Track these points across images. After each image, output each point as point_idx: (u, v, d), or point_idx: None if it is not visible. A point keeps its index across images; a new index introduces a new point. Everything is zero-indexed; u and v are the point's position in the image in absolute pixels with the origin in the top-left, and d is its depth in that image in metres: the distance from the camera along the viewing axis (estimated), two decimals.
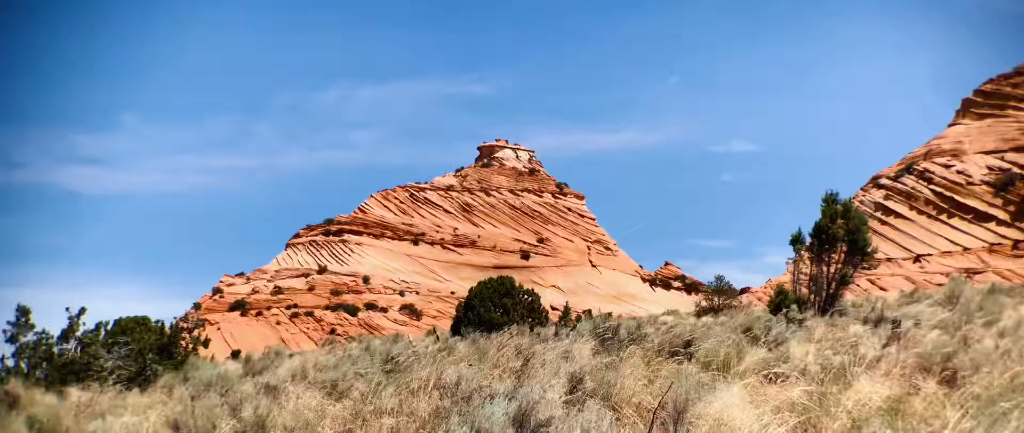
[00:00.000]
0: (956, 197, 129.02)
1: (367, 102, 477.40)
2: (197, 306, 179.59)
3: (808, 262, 30.13)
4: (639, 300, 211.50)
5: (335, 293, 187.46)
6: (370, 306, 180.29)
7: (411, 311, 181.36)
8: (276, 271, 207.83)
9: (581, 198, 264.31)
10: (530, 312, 36.44)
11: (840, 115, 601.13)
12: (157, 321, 22.11)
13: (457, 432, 8.53)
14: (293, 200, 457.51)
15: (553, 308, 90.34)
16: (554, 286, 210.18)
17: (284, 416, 11.82)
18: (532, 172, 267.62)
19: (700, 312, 45.05)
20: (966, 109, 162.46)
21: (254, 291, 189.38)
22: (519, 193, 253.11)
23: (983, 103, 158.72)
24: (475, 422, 8.66)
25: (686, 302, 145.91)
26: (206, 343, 23.54)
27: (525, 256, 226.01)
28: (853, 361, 12.60)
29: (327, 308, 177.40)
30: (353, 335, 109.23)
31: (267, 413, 11.69)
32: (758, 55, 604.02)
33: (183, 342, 22.25)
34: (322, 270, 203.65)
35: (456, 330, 34.69)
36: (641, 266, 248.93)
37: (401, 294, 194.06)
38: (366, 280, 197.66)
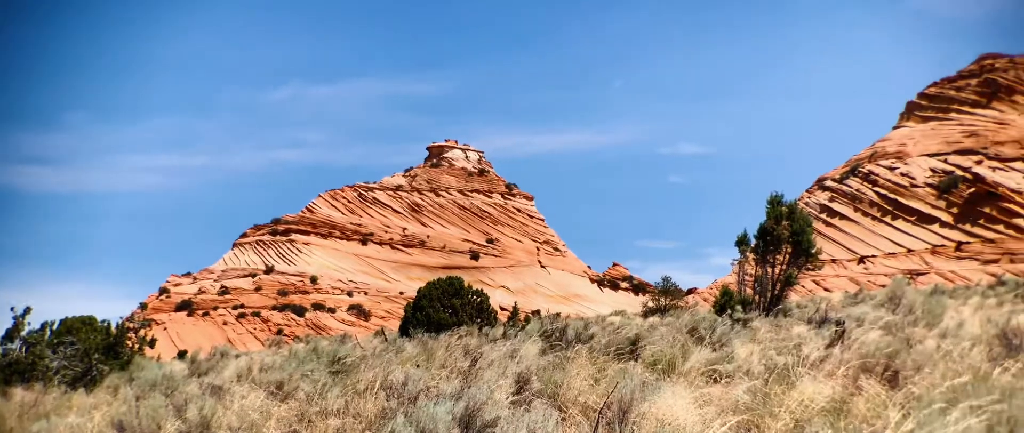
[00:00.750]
0: (900, 199, 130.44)
1: (317, 102, 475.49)
2: (143, 306, 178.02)
3: (753, 263, 30.42)
4: (587, 300, 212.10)
5: (282, 293, 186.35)
6: (317, 306, 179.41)
7: (359, 311, 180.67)
8: (223, 271, 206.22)
9: (530, 199, 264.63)
10: (479, 312, 36.46)
11: (786, 117, 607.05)
12: (103, 321, 21.92)
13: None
14: (241, 200, 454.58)
15: (502, 308, 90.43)
16: (503, 286, 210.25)
17: (229, 417, 11.78)
18: (481, 172, 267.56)
19: (647, 312, 45.37)
20: (910, 112, 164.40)
21: (201, 291, 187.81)
22: (468, 193, 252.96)
23: (927, 106, 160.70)
24: (420, 423, 8.69)
25: (634, 302, 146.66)
26: (152, 343, 23.38)
27: (474, 256, 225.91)
28: (797, 361, 12.74)
29: (274, 308, 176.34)
30: (300, 335, 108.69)
31: (212, 414, 11.65)
32: (706, 58, 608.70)
33: (129, 342, 22.08)
34: (269, 270, 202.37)
35: (404, 331, 34.63)
36: (589, 267, 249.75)
37: (349, 294, 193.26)
38: (313, 280, 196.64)
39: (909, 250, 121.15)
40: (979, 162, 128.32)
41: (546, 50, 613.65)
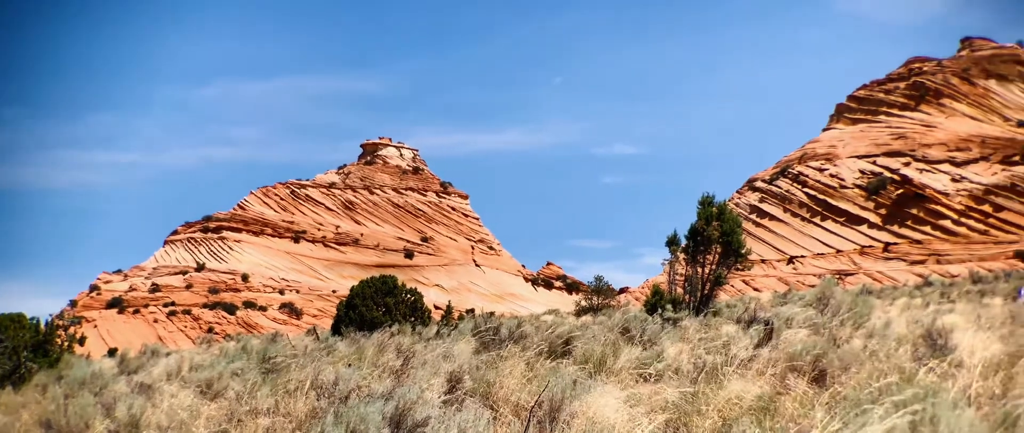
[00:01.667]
0: (829, 200, 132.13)
1: (250, 98, 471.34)
2: (73, 303, 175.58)
3: (684, 263, 30.65)
4: (522, 299, 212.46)
5: (213, 291, 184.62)
6: (249, 304, 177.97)
7: (291, 310, 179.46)
8: (154, 268, 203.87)
9: (465, 197, 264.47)
10: (413, 311, 36.36)
11: (719, 118, 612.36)
12: (32, 319, 21.60)
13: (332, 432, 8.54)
14: (174, 197, 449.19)
15: (436, 307, 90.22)
16: (437, 285, 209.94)
17: (158, 416, 11.68)
18: (416, 171, 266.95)
19: (580, 311, 45.58)
20: (840, 114, 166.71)
21: (131, 288, 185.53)
22: (403, 191, 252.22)
23: (857, 108, 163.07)
24: (351, 423, 8.67)
25: (567, 301, 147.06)
26: (82, 341, 23.09)
27: (408, 255, 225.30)
28: (726, 361, 12.85)
29: (205, 306, 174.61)
30: (231, 334, 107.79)
31: (141, 412, 11.54)
32: (640, 58, 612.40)
33: (58, 340, 21.78)
34: (200, 267, 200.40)
35: (337, 329, 34.46)
36: (524, 266, 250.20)
37: (281, 292, 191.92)
38: (245, 278, 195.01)
39: (838, 251, 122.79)
40: (907, 164, 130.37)
41: (482, 49, 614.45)
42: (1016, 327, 16.66)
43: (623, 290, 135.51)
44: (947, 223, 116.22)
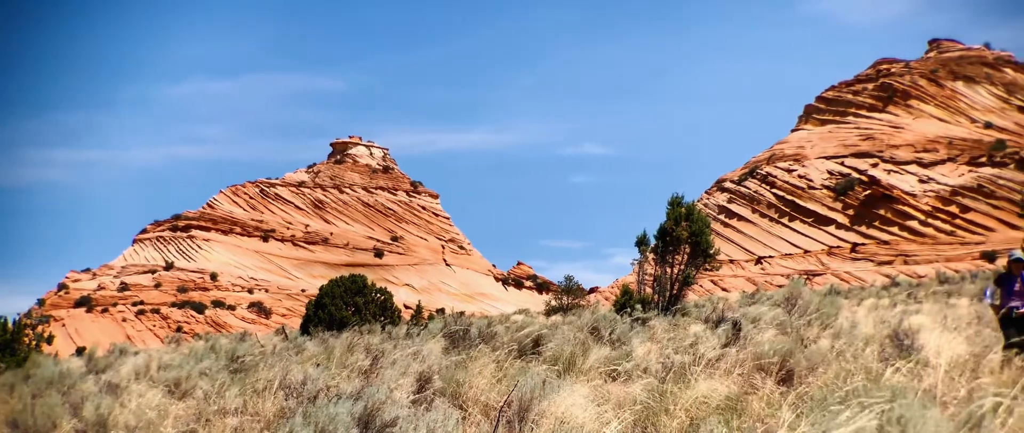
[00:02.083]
0: (797, 201, 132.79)
1: (219, 97, 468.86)
2: (41, 302, 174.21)
3: (653, 263, 30.75)
4: (492, 299, 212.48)
5: (182, 290, 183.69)
6: (218, 303, 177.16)
7: (260, 309, 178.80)
8: (123, 267, 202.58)
9: (435, 197, 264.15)
10: (382, 311, 36.35)
11: (688, 119, 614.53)
12: (0, 318, 21.46)
13: None
14: (143, 195, 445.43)
15: (406, 307, 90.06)
16: (407, 284, 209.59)
17: (126, 415, 11.61)
18: (386, 170, 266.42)
19: (550, 311, 45.62)
20: (808, 115, 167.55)
21: (100, 287, 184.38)
22: (373, 191, 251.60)
23: (825, 109, 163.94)
24: (319, 423, 8.64)
25: (537, 301, 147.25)
26: (50, 340, 22.98)
27: (378, 254, 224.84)
28: (693, 360, 12.88)
29: (174, 305, 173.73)
30: (200, 333, 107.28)
31: (109, 412, 11.47)
32: (609, 58, 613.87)
33: (26, 339, 21.66)
34: (169, 266, 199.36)
35: (306, 329, 34.40)
36: (494, 265, 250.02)
37: (250, 291, 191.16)
38: (214, 277, 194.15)
39: (806, 251, 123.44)
40: (875, 165, 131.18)
41: (452, 48, 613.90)
42: (982, 328, 16.80)
43: (593, 290, 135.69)
44: (914, 224, 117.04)
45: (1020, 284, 14.24)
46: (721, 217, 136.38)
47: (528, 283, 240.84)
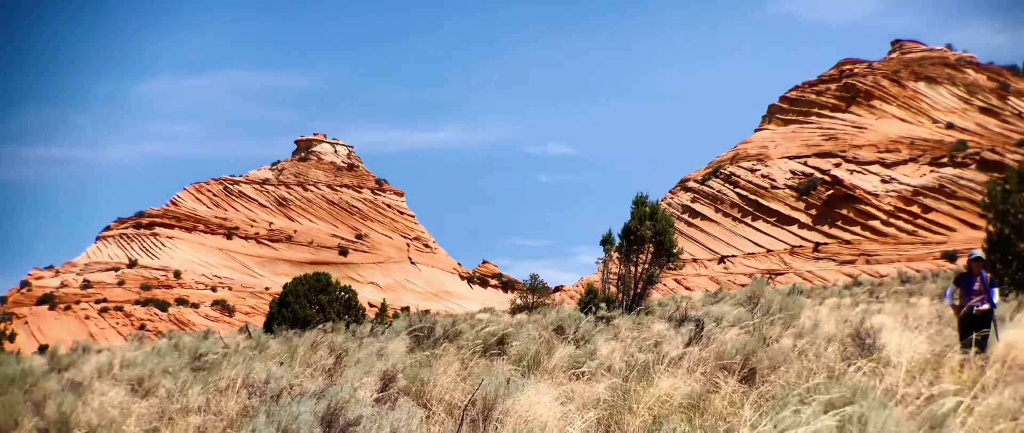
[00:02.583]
0: (760, 200, 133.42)
1: (187, 93, 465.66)
2: (3, 300, 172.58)
3: (617, 262, 30.84)
4: (457, 297, 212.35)
5: (145, 287, 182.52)
6: (181, 301, 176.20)
7: (223, 307, 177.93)
8: (86, 264, 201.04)
9: (400, 195, 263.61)
10: (346, 309, 36.25)
11: (653, 118, 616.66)
12: None
13: (263, 432, 8.47)
14: (109, 192, 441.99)
15: (371, 305, 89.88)
16: (372, 283, 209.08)
17: (88, 414, 11.54)
18: (351, 167, 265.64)
19: (515, 310, 45.61)
20: (772, 115, 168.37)
21: (63, 285, 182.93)
22: (337, 188, 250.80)
23: (788, 109, 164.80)
24: (282, 422, 8.61)
25: (503, 300, 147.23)
26: (12, 338, 22.82)
27: (343, 252, 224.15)
28: (657, 359, 12.92)
29: (137, 303, 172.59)
30: (163, 331, 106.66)
31: (71, 411, 11.39)
32: (574, 58, 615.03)
33: None
34: (132, 264, 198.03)
35: (269, 327, 34.26)
36: (460, 264, 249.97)
37: (213, 289, 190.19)
38: (177, 275, 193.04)
39: (768, 250, 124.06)
40: (838, 165, 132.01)
41: (418, 46, 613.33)
42: (943, 327, 16.94)
43: (558, 288, 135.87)
44: (876, 224, 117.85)
45: (979, 283, 14.37)
46: (685, 216, 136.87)
47: (493, 282, 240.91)
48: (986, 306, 14.21)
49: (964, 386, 9.61)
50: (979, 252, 14.92)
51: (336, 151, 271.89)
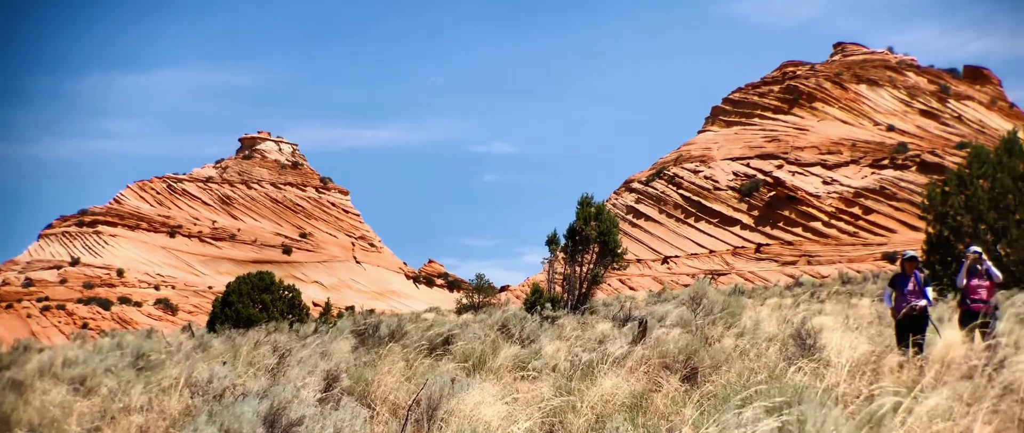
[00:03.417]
0: (703, 202, 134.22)
1: (127, 90, 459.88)
2: None
3: (563, 262, 30.97)
4: (402, 297, 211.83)
5: (88, 286, 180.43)
6: (124, 300, 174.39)
7: (166, 306, 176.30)
8: (28, 262, 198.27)
9: (345, 193, 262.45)
10: (290, 308, 36.12)
11: (599, 119, 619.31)
12: None
13: (205, 432, 8.42)
14: (49, 189, 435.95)
15: (315, 304, 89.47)
16: (316, 282, 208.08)
17: (29, 412, 11.42)
18: (295, 166, 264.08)
19: (461, 309, 45.63)
20: (715, 116, 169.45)
21: (4, 283, 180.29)
22: (281, 187, 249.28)
23: (732, 111, 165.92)
24: (224, 422, 8.57)
25: (448, 299, 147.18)
26: None
27: (286, 251, 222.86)
28: (601, 358, 12.99)
29: (79, 301, 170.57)
30: (106, 330, 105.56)
31: (12, 409, 11.27)
32: (520, 57, 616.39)
33: None
34: (75, 262, 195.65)
35: (212, 326, 34.05)
36: (405, 263, 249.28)
37: (156, 288, 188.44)
38: (120, 273, 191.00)
39: (711, 251, 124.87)
40: (780, 166, 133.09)
41: (362, 44, 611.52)
42: (883, 327, 17.17)
43: (504, 288, 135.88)
44: (818, 225, 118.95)
45: (914, 283, 14.54)
46: (629, 217, 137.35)
47: (439, 281, 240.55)
48: (923, 302, 14.39)
49: (904, 386, 9.73)
50: (912, 252, 15.12)
51: (280, 149, 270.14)
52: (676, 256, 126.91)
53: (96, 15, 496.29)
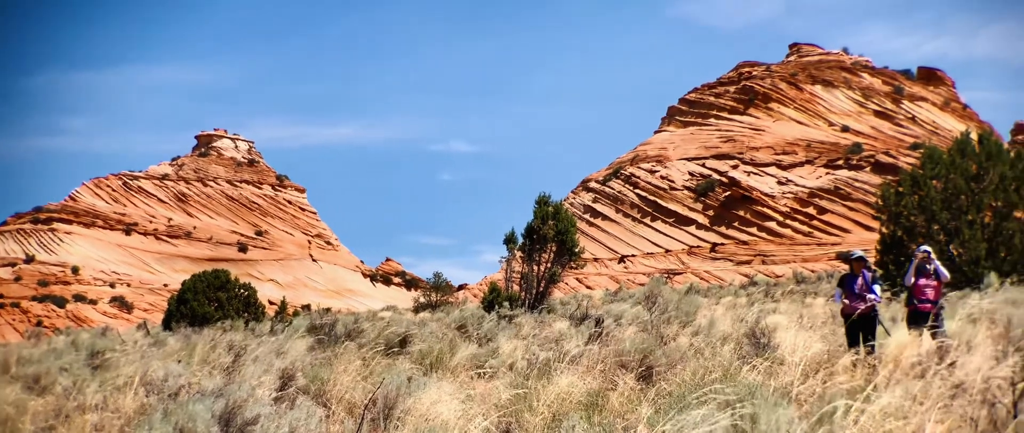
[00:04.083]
0: (659, 201, 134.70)
1: (83, 88, 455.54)
2: None
3: (520, 261, 31.04)
4: (359, 295, 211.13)
5: (42, 283, 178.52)
6: (79, 298, 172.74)
7: (122, 304, 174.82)
8: None
9: (302, 191, 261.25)
10: (246, 307, 35.99)
11: (556, 118, 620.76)
12: None
13: (160, 431, 8.39)
14: (6, 187, 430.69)
15: (271, 303, 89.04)
16: (272, 280, 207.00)
17: None
18: (251, 163, 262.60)
19: (418, 308, 45.63)
20: (672, 117, 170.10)
21: None
22: (237, 184, 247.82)
23: (688, 111, 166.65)
24: (179, 421, 8.54)
25: (406, 298, 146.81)
26: None
27: (242, 249, 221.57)
28: (558, 357, 13.04)
29: (34, 299, 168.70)
30: (60, 328, 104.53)
31: None
32: (477, 58, 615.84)
33: None
34: (29, 260, 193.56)
35: (168, 324, 33.85)
36: (362, 261, 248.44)
37: (112, 286, 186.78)
38: (75, 271, 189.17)
39: (667, 250, 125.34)
40: (735, 167, 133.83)
41: (320, 41, 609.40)
42: (837, 326, 17.32)
43: (462, 287, 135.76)
44: (772, 225, 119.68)
45: (862, 282, 14.64)
46: (586, 216, 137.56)
47: (396, 280, 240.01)
48: (872, 294, 14.48)
49: (857, 385, 9.82)
50: (860, 252, 15.23)
51: (236, 146, 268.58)
52: (633, 255, 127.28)
53: (50, 13, 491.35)
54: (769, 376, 10.72)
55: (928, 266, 14.72)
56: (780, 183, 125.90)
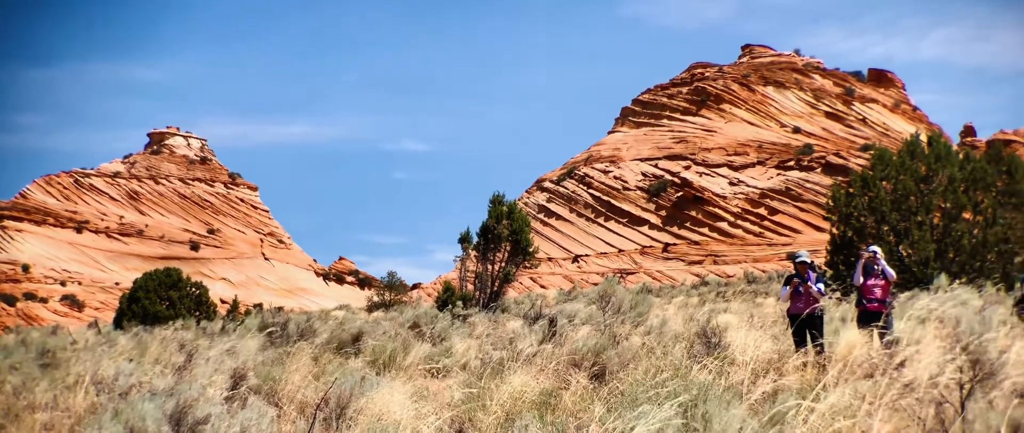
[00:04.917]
0: (613, 201, 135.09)
1: (33, 84, 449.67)
2: None
3: (475, 260, 31.07)
4: (312, 294, 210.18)
5: None
6: (29, 296, 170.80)
7: (73, 302, 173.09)
8: None
9: (254, 189, 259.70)
10: (198, 305, 35.79)
11: (510, 118, 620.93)
12: None
13: (110, 430, 8.34)
14: None
15: (222, 301, 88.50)
16: (224, 279, 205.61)
17: None
18: (204, 161, 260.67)
19: (372, 307, 45.50)
20: (625, 117, 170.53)
21: None
22: (190, 182, 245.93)
23: (641, 112, 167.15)
24: (130, 420, 8.49)
25: (359, 297, 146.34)
26: None
27: (194, 247, 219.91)
28: (511, 356, 13.07)
29: None
30: (10, 326, 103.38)
31: None
32: (431, 57, 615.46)
33: None
34: None
35: (119, 323, 33.58)
36: (315, 260, 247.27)
37: (63, 284, 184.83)
38: (26, 269, 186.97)
39: (620, 250, 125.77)
40: (687, 167, 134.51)
41: (273, 39, 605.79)
42: (787, 326, 17.47)
43: (416, 286, 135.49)
44: (724, 225, 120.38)
45: (807, 282, 14.72)
46: (541, 216, 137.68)
47: (350, 278, 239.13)
48: (818, 292, 14.60)
49: (806, 385, 9.92)
50: (805, 254, 15.33)
51: (189, 144, 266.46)
52: (586, 255, 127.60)
53: (1, 10, 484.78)
54: (720, 375, 10.80)
55: (875, 266, 14.85)
56: (732, 184, 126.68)
